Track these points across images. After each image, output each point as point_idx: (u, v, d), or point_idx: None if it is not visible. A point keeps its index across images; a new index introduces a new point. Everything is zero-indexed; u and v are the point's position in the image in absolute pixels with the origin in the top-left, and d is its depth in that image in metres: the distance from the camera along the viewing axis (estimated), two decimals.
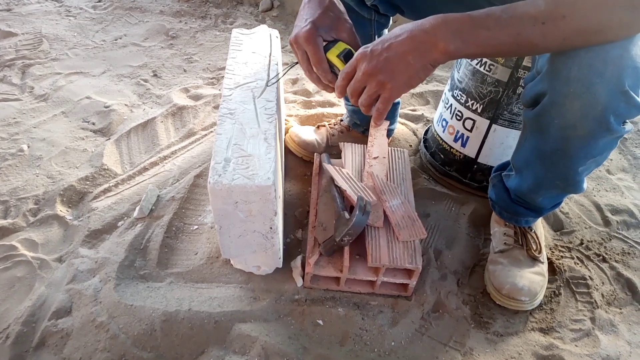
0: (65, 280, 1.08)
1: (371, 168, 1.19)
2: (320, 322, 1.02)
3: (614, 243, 1.29)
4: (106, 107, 1.63)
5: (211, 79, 1.86)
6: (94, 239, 1.18)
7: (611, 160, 1.61)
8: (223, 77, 1.87)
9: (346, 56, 0.86)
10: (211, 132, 1.55)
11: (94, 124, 1.57)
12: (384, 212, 1.09)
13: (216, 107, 1.66)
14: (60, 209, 1.26)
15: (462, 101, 1.29)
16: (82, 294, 1.04)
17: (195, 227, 1.23)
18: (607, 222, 1.35)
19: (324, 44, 0.88)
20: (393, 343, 1.01)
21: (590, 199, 1.42)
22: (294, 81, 1.83)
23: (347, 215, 1.03)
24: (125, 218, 1.24)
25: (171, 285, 1.09)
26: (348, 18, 0.90)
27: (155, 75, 1.86)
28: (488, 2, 0.80)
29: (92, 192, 1.32)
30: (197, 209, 1.28)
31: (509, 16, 0.70)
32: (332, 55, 0.87)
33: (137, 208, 1.24)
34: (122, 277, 1.09)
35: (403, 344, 1.01)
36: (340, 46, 0.88)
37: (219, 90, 1.77)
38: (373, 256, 1.01)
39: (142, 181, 1.36)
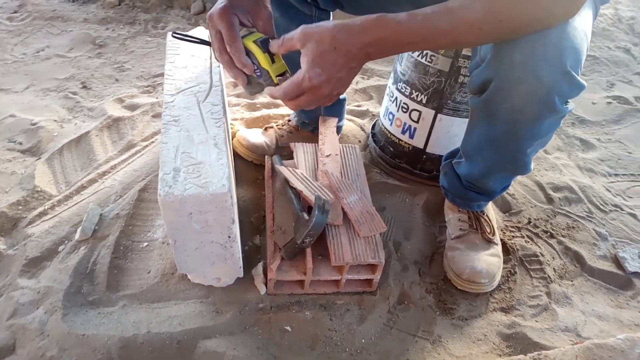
0: (5, 315, 0.98)
1: (325, 166, 1.17)
2: (288, 328, 1.00)
3: (559, 219, 1.35)
4: (33, 124, 1.51)
5: (146, 87, 1.78)
6: (34, 268, 1.09)
7: None
8: (159, 84, 1.80)
9: (263, 43, 0.83)
10: (152, 142, 1.48)
11: (21, 143, 1.45)
12: (342, 209, 1.08)
13: (155, 116, 1.59)
14: None
15: (407, 93, 1.30)
16: (26, 329, 0.95)
17: (145, 244, 1.16)
18: (550, 200, 1.42)
19: (242, 32, 0.85)
20: (363, 340, 1.00)
21: (533, 179, 1.49)
22: (236, 84, 1.78)
23: (306, 216, 1.01)
24: (66, 242, 1.15)
25: (125, 308, 1.02)
26: (269, 6, 0.88)
27: (84, 87, 1.75)
28: None
29: (25, 217, 1.22)
30: (146, 225, 1.21)
31: (446, 26, 0.70)
32: (249, 41, 0.83)
33: (79, 230, 1.16)
34: (70, 305, 1.00)
35: (373, 339, 1.00)
36: (257, 35, 0.85)
37: (157, 98, 1.69)
38: (336, 255, 1.00)
39: (81, 200, 1.27)
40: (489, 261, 1.12)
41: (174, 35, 0.94)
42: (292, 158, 1.28)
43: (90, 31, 2.05)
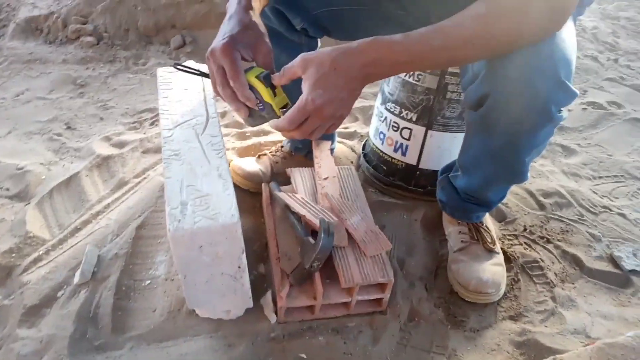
0: None
1: (324, 189, 1.18)
2: (304, 355, 0.98)
3: (553, 224, 1.39)
4: (19, 169, 1.48)
5: (133, 123, 1.77)
6: (33, 316, 1.05)
7: None
8: (146, 120, 1.79)
9: (265, 78, 0.84)
10: (144, 178, 1.46)
11: (8, 189, 1.42)
12: (347, 230, 1.08)
13: (145, 152, 1.58)
14: None
15: (397, 112, 1.33)
16: None
17: (148, 281, 1.14)
18: (542, 206, 1.45)
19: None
20: None
21: (523, 187, 1.52)
22: (223, 114, 1.79)
23: (311, 240, 1.00)
24: (65, 286, 1.12)
25: (133, 350, 0.99)
26: (268, 41, 0.89)
27: (68, 127, 1.72)
28: (416, 21, 0.84)
29: (20, 264, 1.18)
30: (146, 262, 1.18)
31: (441, 43, 0.74)
32: (251, 77, 0.84)
33: (78, 273, 1.13)
34: (75, 352, 0.97)
35: (389, 359, 1.00)
36: (258, 70, 0.86)
37: (144, 134, 1.68)
38: (345, 277, 0.99)
39: (77, 243, 1.24)
40: (493, 271, 1.13)
41: (176, 66, 0.94)
42: (288, 184, 1.28)
43: (70, 72, 2.03)
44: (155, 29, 2.28)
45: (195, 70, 0.95)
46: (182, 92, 1.14)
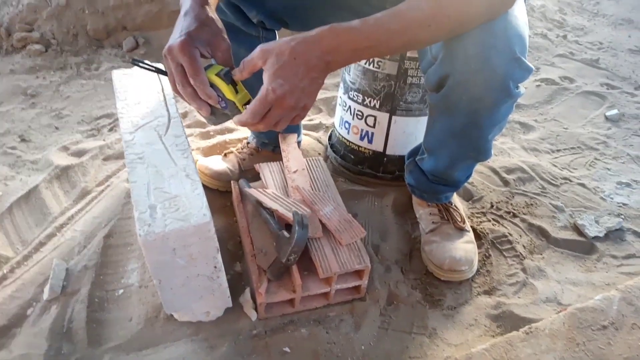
0: None
1: (294, 182, 1.18)
2: (287, 349, 0.98)
3: (517, 199, 1.43)
4: None
5: (90, 130, 1.71)
6: (3, 338, 1.01)
7: None
8: (104, 126, 1.74)
9: (226, 75, 0.82)
10: (108, 186, 1.42)
11: None
12: (320, 221, 1.08)
13: (106, 159, 1.53)
14: None
15: (360, 101, 1.33)
16: None
17: (121, 291, 1.11)
18: (506, 182, 1.49)
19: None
20: (363, 347, 1.00)
21: (486, 165, 1.56)
22: (184, 114, 1.75)
23: (286, 234, 1.00)
24: (35, 303, 1.08)
25: None
26: (227, 38, 0.86)
27: (23, 140, 1.65)
28: (372, 8, 0.84)
29: None
30: (118, 272, 1.15)
31: (398, 26, 0.74)
32: (211, 75, 0.82)
33: (46, 288, 1.09)
34: None
35: (372, 344, 1.01)
36: (217, 67, 0.84)
37: (104, 140, 1.63)
38: (323, 267, 1.00)
39: (43, 258, 1.19)
40: (465, 248, 1.16)
41: (134, 62, 0.91)
42: (257, 180, 1.27)
43: (19, 82, 1.94)
44: (105, 32, 2.21)
45: (153, 67, 0.93)
46: (140, 94, 1.11)
